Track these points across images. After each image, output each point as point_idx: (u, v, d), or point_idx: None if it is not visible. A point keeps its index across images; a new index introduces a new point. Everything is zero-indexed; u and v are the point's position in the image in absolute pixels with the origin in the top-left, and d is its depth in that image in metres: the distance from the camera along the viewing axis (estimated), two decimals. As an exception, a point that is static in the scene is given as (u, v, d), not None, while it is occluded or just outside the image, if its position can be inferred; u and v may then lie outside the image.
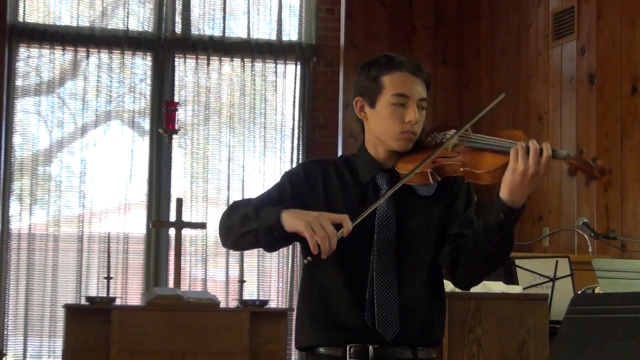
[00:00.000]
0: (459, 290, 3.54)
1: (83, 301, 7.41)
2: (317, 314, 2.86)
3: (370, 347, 2.80)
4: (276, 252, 8.56)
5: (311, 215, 2.65)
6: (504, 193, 2.71)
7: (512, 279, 4.15)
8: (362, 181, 2.92)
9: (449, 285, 3.62)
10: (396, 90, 2.87)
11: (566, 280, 4.28)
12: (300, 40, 8.83)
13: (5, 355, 7.94)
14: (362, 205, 2.83)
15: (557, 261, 4.28)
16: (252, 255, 8.44)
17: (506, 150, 2.73)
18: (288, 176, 2.97)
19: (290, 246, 8.51)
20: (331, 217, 2.65)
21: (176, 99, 8.44)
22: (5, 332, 8.08)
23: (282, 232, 2.68)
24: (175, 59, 8.63)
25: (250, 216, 2.74)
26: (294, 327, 3.04)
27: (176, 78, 8.62)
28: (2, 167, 8.17)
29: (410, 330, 2.82)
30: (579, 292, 3.96)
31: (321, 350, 2.85)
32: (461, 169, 2.79)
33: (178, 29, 8.64)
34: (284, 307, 8.25)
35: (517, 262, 4.22)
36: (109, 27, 8.58)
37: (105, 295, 7.00)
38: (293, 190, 2.89)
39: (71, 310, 6.77)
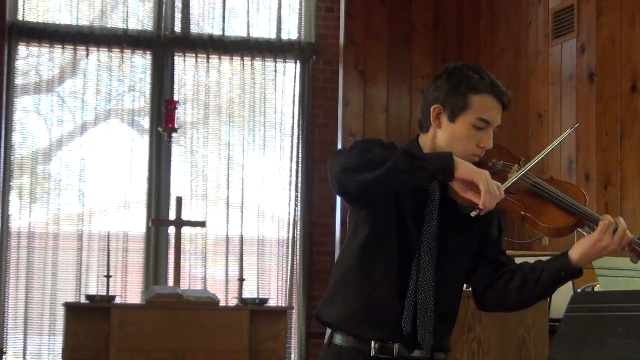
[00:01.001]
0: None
1: (83, 299, 7.42)
2: (354, 300, 2.85)
3: (395, 345, 2.82)
4: (275, 251, 8.59)
5: (482, 172, 2.68)
6: (575, 256, 2.84)
7: (511, 277, 4.15)
8: None
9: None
10: (481, 115, 2.85)
11: (566, 278, 4.27)
12: (300, 39, 8.83)
13: (5, 353, 7.94)
14: (414, 206, 2.85)
15: (556, 259, 4.27)
16: (251, 254, 8.45)
17: (573, 212, 2.85)
18: (365, 142, 2.89)
19: (290, 244, 8.52)
20: (492, 181, 2.69)
21: (176, 98, 8.43)
22: (5, 330, 8.08)
23: (449, 176, 2.66)
24: (175, 58, 8.63)
25: (414, 155, 2.68)
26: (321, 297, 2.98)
27: (176, 76, 8.62)
28: (2, 165, 8.17)
29: (437, 338, 2.87)
30: (578, 290, 3.96)
31: (343, 341, 2.84)
32: (522, 212, 2.84)
33: (177, 27, 8.64)
34: (283, 305, 8.25)
35: (517, 260, 4.22)
36: (109, 25, 8.57)
37: (104, 293, 7.01)
38: None
39: (71, 309, 6.78)
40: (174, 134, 8.07)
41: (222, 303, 7.52)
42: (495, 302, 2.97)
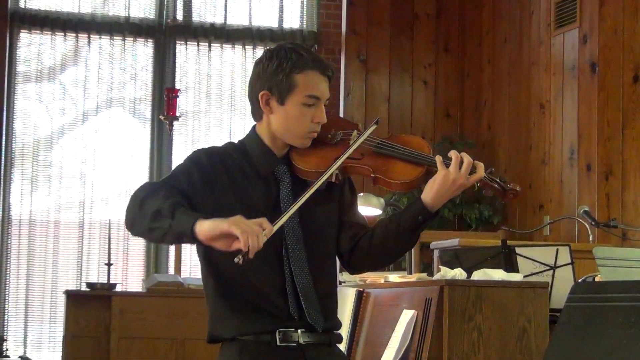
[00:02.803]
0: (460, 278, 3.54)
1: (84, 287, 7.43)
2: (240, 305, 2.84)
3: (299, 331, 2.84)
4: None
5: (233, 218, 2.60)
6: (428, 198, 2.87)
7: (512, 267, 4.15)
8: (260, 172, 2.91)
9: (449, 273, 3.62)
10: (309, 92, 2.85)
11: (567, 268, 4.27)
12: (302, 27, 8.82)
13: (6, 340, 7.95)
14: (267, 197, 2.87)
15: (557, 249, 4.27)
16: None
17: (420, 162, 2.89)
18: (192, 160, 2.88)
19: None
20: (251, 220, 2.61)
21: (177, 86, 8.43)
22: (6, 318, 8.10)
23: (192, 240, 2.62)
24: (177, 46, 8.63)
25: (164, 214, 2.64)
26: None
27: (177, 65, 8.62)
28: (4, 153, 8.18)
29: (328, 317, 2.91)
30: (579, 281, 3.96)
31: (245, 338, 2.83)
32: (371, 175, 2.90)
33: (179, 15, 8.64)
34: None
35: (518, 250, 4.22)
36: (111, 13, 8.57)
37: (105, 281, 7.00)
38: (200, 174, 2.83)
39: (72, 296, 6.78)
40: (175, 123, 8.06)
41: (223, 291, 7.53)
42: (362, 261, 3.01)
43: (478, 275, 3.58)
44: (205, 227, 2.59)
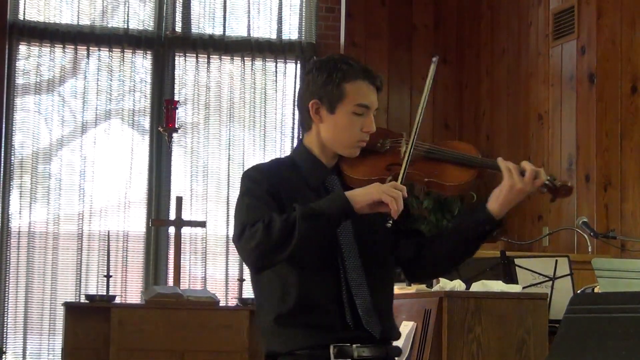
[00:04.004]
0: (458, 289, 3.55)
1: (83, 299, 7.42)
2: (296, 318, 2.83)
3: (353, 345, 2.82)
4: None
5: (376, 186, 2.73)
6: (495, 206, 2.88)
7: (511, 278, 4.16)
8: (310, 184, 2.91)
9: (448, 285, 3.62)
10: (359, 101, 2.90)
11: (566, 279, 4.28)
12: (301, 39, 8.83)
13: (5, 353, 7.94)
14: None
15: (556, 260, 4.28)
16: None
17: (472, 165, 2.91)
18: (249, 183, 2.92)
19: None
20: (387, 186, 2.73)
21: (176, 98, 8.44)
22: (5, 330, 8.08)
23: (353, 214, 2.72)
24: (176, 58, 8.63)
25: (313, 214, 2.69)
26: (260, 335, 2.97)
27: (176, 76, 8.63)
28: (3, 164, 8.18)
29: (385, 326, 2.88)
30: (578, 292, 3.97)
31: (299, 352, 2.82)
32: (425, 179, 2.91)
33: (178, 27, 8.64)
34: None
35: (517, 261, 4.23)
36: (110, 25, 8.58)
37: (104, 293, 7.00)
38: (270, 195, 2.85)
39: (71, 309, 6.78)
40: (174, 134, 8.08)
41: (222, 303, 7.52)
42: (427, 271, 3.05)
43: (477, 286, 3.59)
44: (358, 198, 2.72)
